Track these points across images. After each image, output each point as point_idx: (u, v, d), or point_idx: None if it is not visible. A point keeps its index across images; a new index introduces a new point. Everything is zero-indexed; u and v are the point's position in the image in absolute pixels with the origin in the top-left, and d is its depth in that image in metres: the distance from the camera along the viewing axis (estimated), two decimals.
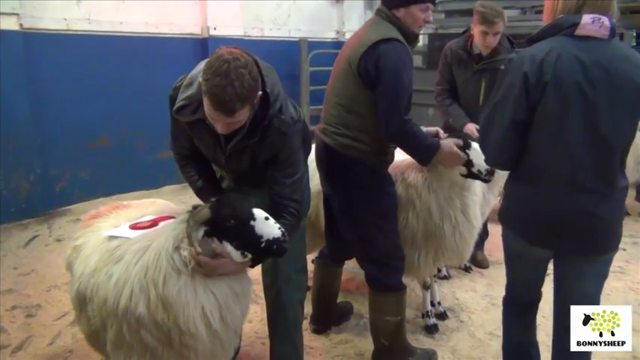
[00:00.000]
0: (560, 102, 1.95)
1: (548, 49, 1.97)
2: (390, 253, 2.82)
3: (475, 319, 3.53)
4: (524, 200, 2.15)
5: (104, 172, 5.82)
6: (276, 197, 2.23)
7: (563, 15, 2.04)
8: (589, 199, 2.03)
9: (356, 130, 2.67)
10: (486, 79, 3.74)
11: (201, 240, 1.94)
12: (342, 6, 8.45)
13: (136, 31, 5.93)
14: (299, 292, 2.66)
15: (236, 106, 1.90)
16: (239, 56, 1.93)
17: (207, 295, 1.91)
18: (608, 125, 1.96)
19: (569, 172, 2.01)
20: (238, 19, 6.82)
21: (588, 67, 1.93)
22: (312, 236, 3.52)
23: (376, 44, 2.51)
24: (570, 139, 1.98)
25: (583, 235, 2.09)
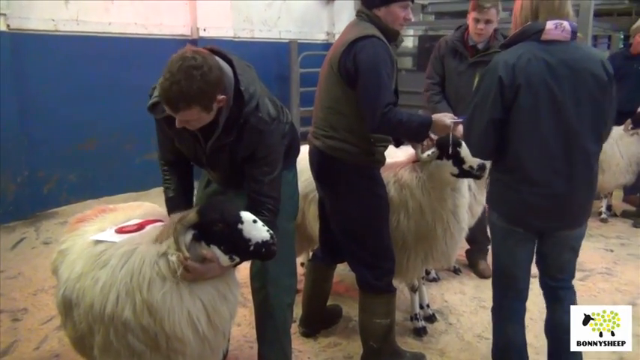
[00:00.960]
0: (532, 100, 2.21)
1: (519, 54, 2.23)
2: (380, 254, 2.82)
3: (464, 322, 3.53)
4: (507, 186, 2.39)
5: (92, 174, 5.77)
6: (253, 194, 2.23)
7: (528, 23, 2.29)
8: (565, 183, 2.29)
9: (343, 132, 2.68)
10: (480, 73, 3.71)
11: (189, 245, 1.93)
12: (333, 7, 8.46)
13: (124, 32, 5.91)
14: (288, 296, 2.65)
15: (179, 105, 1.92)
16: (198, 56, 1.93)
17: (193, 300, 1.90)
18: (574, 116, 2.23)
19: (546, 160, 2.27)
20: (228, 20, 6.80)
21: (554, 67, 2.20)
22: (298, 239, 3.50)
23: (354, 42, 2.54)
24: (543, 131, 2.24)
25: (560, 214, 2.36)
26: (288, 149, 2.48)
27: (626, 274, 4.25)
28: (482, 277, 4.20)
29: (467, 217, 3.13)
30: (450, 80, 3.90)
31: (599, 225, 5.43)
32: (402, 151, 3.16)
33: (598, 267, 4.36)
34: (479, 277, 4.22)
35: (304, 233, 3.52)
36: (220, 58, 2.11)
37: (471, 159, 2.81)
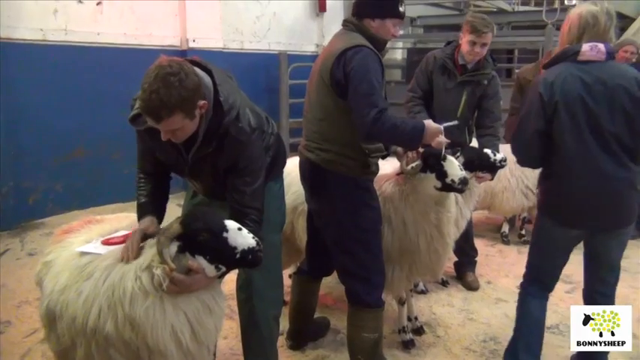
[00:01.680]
0: (570, 113, 2.50)
1: (557, 73, 2.54)
2: (372, 267, 2.82)
3: (452, 334, 3.53)
4: (558, 192, 2.66)
5: (79, 185, 5.72)
6: (236, 205, 2.21)
7: (568, 45, 2.59)
8: (605, 187, 2.56)
9: (339, 145, 2.67)
10: (468, 92, 3.74)
11: (174, 256, 1.91)
12: (322, 20, 8.51)
13: (113, 42, 5.89)
14: (274, 308, 2.63)
15: (162, 113, 1.91)
16: (174, 64, 1.93)
17: (176, 314, 1.89)
18: (611, 126, 2.50)
19: (592, 165, 2.54)
20: (218, 31, 6.82)
21: (590, 84, 2.49)
22: (287, 251, 3.50)
23: (344, 52, 2.54)
24: (585, 138, 2.52)
25: (610, 212, 2.62)
26: (274, 160, 2.48)
27: None
28: (470, 289, 4.21)
29: (453, 232, 3.13)
30: (437, 97, 3.89)
31: None
32: (389, 164, 3.17)
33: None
34: (467, 289, 4.22)
35: (294, 245, 3.51)
36: (200, 69, 2.11)
37: (453, 172, 2.81)
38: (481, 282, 4.33)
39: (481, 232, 5.70)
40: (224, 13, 6.93)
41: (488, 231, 5.74)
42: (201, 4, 6.56)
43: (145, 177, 2.38)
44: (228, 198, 2.24)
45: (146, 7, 6.19)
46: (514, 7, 10.29)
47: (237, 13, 7.25)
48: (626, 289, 4.20)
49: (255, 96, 2.36)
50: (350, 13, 2.80)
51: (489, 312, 3.83)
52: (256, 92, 7.32)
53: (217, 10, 6.78)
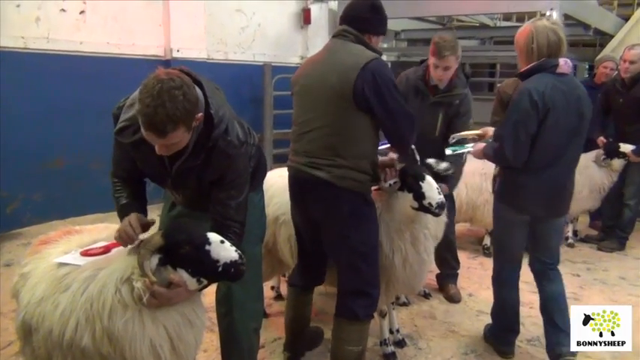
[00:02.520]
0: (555, 119, 2.84)
1: (545, 83, 2.84)
2: (372, 281, 2.82)
3: (433, 347, 3.53)
4: (525, 185, 3.00)
5: (58, 195, 5.65)
6: (219, 218, 2.19)
7: (544, 58, 2.89)
8: (562, 182, 3.04)
9: (353, 159, 2.64)
10: (443, 112, 3.72)
11: (155, 269, 1.89)
12: (307, 31, 8.56)
13: (96, 51, 5.86)
14: (254, 321, 2.61)
15: (167, 128, 1.87)
16: (175, 77, 1.91)
17: (156, 328, 1.86)
18: (576, 131, 2.93)
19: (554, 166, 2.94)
20: (202, 41, 6.82)
21: (567, 94, 2.88)
22: (269, 263, 3.49)
23: (365, 65, 2.55)
24: (560, 142, 2.91)
25: (558, 203, 3.09)
26: (254, 171, 2.46)
27: (592, 299, 4.32)
28: (452, 301, 4.21)
29: (431, 247, 3.10)
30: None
31: (566, 250, 5.51)
32: None
33: (565, 291, 4.41)
34: (448, 301, 4.23)
35: (275, 257, 3.50)
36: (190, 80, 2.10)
37: (431, 195, 2.79)
38: (463, 294, 4.34)
39: (463, 244, 5.73)
40: (209, 24, 6.93)
41: (470, 243, 5.77)
42: (186, 14, 6.57)
43: (120, 181, 2.35)
44: (212, 210, 2.22)
45: (130, 17, 6.18)
46: (496, 22, 10.42)
47: (222, 24, 7.26)
48: (605, 302, 4.26)
49: (239, 107, 2.36)
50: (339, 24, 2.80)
51: (471, 324, 3.83)
52: (240, 103, 7.33)
53: (202, 21, 6.79)
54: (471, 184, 5.01)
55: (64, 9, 5.59)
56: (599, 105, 5.56)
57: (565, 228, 5.77)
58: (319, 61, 2.76)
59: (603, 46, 8.49)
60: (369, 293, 2.81)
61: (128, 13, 6.15)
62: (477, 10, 8.24)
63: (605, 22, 8.53)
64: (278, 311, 3.86)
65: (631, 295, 4.42)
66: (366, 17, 2.72)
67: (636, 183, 5.42)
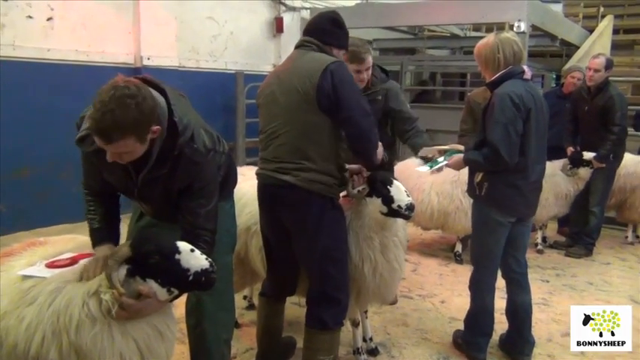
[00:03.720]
0: (533, 119, 3.05)
1: (519, 88, 3.04)
2: (341, 287, 2.82)
3: (406, 354, 3.54)
4: (511, 184, 3.11)
5: (24, 205, 5.51)
6: (188, 227, 2.16)
7: (511, 66, 3.08)
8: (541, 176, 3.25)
9: (321, 162, 2.66)
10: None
11: (124, 280, 1.85)
12: (279, 40, 8.56)
13: (64, 58, 5.76)
14: (225, 331, 2.58)
15: (113, 135, 1.85)
16: (131, 86, 1.88)
17: (125, 341, 1.82)
18: (544, 132, 3.19)
19: (537, 160, 3.15)
20: (173, 49, 6.76)
21: (535, 97, 3.10)
22: (242, 273, 3.47)
23: (327, 67, 2.60)
24: (533, 145, 3.09)
25: (534, 203, 3.30)
26: (224, 180, 2.44)
27: (561, 305, 4.39)
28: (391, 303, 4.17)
29: (401, 255, 3.10)
30: None
31: (535, 256, 5.61)
32: None
33: (535, 297, 4.43)
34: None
35: (248, 267, 3.46)
36: (153, 88, 2.07)
37: (400, 197, 2.82)
38: (435, 301, 4.37)
39: (435, 251, 5.79)
40: (180, 32, 6.88)
41: (442, 250, 5.82)
42: (157, 21, 6.51)
43: (93, 199, 2.31)
44: (181, 220, 2.19)
45: (99, 24, 6.09)
46: (466, 33, 10.60)
47: (194, 32, 7.22)
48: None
49: (211, 115, 2.35)
50: (302, 36, 2.86)
51: (443, 331, 3.86)
52: (212, 111, 7.28)
53: (173, 29, 6.73)
54: (442, 192, 5.06)
55: (30, 15, 5.48)
56: (568, 114, 5.70)
57: (534, 235, 5.89)
58: (283, 71, 2.80)
59: (570, 56, 8.68)
60: (338, 299, 2.80)
61: (97, 20, 6.07)
62: (448, 21, 8.37)
63: (571, 33, 8.74)
64: (250, 321, 3.83)
65: (598, 300, 4.51)
66: (328, 29, 2.81)
67: (600, 190, 5.56)
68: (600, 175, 5.43)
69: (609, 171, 5.50)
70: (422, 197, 5.02)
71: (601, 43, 9.33)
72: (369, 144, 2.74)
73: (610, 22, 10.11)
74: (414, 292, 4.58)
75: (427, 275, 5.03)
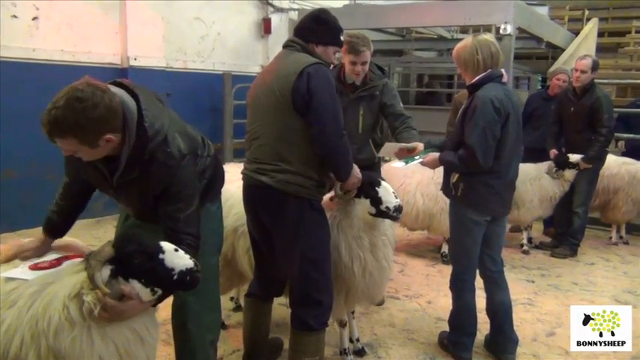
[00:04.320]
0: (511, 123, 3.12)
1: (500, 92, 3.09)
2: (323, 289, 2.81)
3: (393, 355, 3.55)
4: (488, 185, 3.17)
5: (10, 206, 5.46)
6: (169, 231, 2.15)
7: (490, 70, 3.13)
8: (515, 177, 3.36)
9: (298, 163, 2.66)
10: (364, 107, 3.79)
11: (107, 281, 1.84)
12: (267, 41, 8.57)
13: (50, 58, 5.73)
14: (211, 333, 2.57)
15: (53, 132, 1.89)
16: (87, 89, 1.89)
17: (105, 345, 1.80)
18: (520, 134, 3.27)
19: (514, 163, 3.27)
20: (160, 50, 6.74)
21: (512, 102, 3.16)
22: (229, 274, 3.46)
23: (304, 69, 2.59)
24: (516, 143, 3.23)
25: (509, 202, 3.39)
26: (210, 182, 2.44)
27: (546, 305, 4.43)
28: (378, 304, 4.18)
29: (390, 254, 3.12)
30: None
31: (521, 257, 5.66)
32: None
33: (520, 298, 4.53)
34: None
35: (235, 268, 3.46)
36: (128, 93, 2.07)
37: (388, 199, 2.85)
38: (421, 301, 4.39)
39: (421, 252, 5.81)
40: (167, 32, 6.86)
41: (429, 251, 5.85)
42: (144, 22, 6.48)
43: (66, 187, 2.40)
44: (162, 225, 2.18)
45: (85, 24, 6.06)
46: (453, 35, 10.66)
47: (181, 32, 7.20)
48: (559, 307, 4.37)
49: (198, 116, 2.34)
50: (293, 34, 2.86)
51: (429, 331, 3.87)
52: (200, 112, 7.27)
53: (160, 29, 6.71)
54: (427, 193, 5.08)
55: (15, 15, 5.44)
56: (553, 115, 5.76)
57: (519, 235, 5.95)
58: (268, 72, 2.81)
59: (555, 58, 8.77)
60: (319, 301, 2.80)
61: (83, 20, 6.04)
62: (435, 23, 8.42)
63: (557, 36, 8.82)
64: (237, 322, 3.82)
65: (583, 300, 4.56)
66: (310, 27, 2.81)
67: (583, 191, 5.62)
68: (584, 177, 5.49)
69: (593, 172, 5.56)
70: (407, 198, 5.04)
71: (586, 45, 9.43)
72: (338, 159, 2.70)
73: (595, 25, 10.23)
74: (400, 293, 4.59)
75: (414, 276, 5.06)
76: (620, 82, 8.65)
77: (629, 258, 5.81)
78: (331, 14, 2.87)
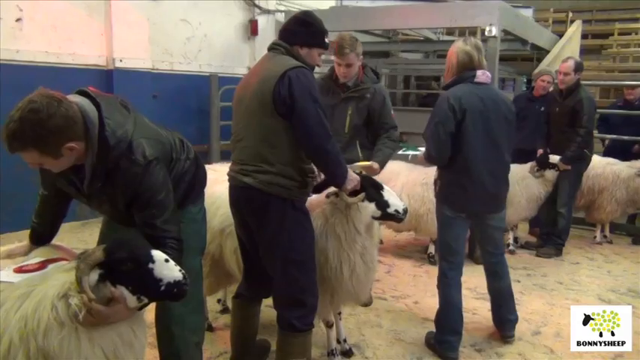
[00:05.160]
0: (472, 120, 3.25)
1: (462, 91, 3.28)
2: (308, 290, 2.81)
3: (380, 355, 3.56)
4: (457, 184, 3.36)
5: None
6: (150, 238, 2.13)
7: (464, 71, 3.33)
8: (492, 180, 3.37)
9: (279, 165, 2.66)
10: (352, 107, 3.82)
11: (94, 285, 1.83)
12: (254, 42, 8.56)
13: (34, 60, 5.68)
14: (195, 335, 2.56)
15: (13, 145, 1.90)
16: (43, 101, 1.90)
17: (92, 347, 1.79)
18: (498, 133, 3.35)
19: (482, 164, 3.31)
20: (146, 51, 6.71)
21: (484, 100, 3.30)
22: (217, 275, 3.45)
23: (285, 72, 2.59)
24: (480, 143, 3.29)
25: (489, 202, 3.45)
26: (191, 185, 2.44)
27: (532, 304, 4.47)
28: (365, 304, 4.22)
29: (376, 255, 3.13)
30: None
31: (507, 257, 5.61)
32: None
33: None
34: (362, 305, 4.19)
35: (222, 269, 3.45)
36: (90, 101, 2.07)
37: (395, 202, 2.92)
38: (408, 302, 4.41)
39: (409, 253, 5.84)
40: (153, 34, 6.83)
41: (416, 252, 5.88)
42: (129, 23, 6.45)
43: (43, 197, 2.40)
44: (142, 232, 2.17)
45: (70, 25, 6.02)
46: (439, 37, 10.71)
47: (167, 33, 7.17)
48: (544, 307, 4.42)
49: (185, 118, 2.33)
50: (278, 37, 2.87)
51: (416, 332, 3.89)
52: (187, 114, 7.24)
53: (146, 30, 6.68)
54: (413, 194, 5.11)
55: None
56: (544, 116, 5.84)
57: (506, 235, 5.99)
58: (253, 74, 2.82)
59: (540, 60, 8.84)
60: (302, 302, 2.80)
61: (68, 22, 5.99)
62: (421, 25, 8.44)
63: (542, 37, 8.90)
64: (224, 324, 3.82)
65: (567, 299, 4.61)
66: (295, 30, 2.82)
67: (565, 192, 5.69)
68: (566, 177, 5.56)
69: (576, 173, 5.64)
70: None
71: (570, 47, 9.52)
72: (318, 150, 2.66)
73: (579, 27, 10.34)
74: (387, 294, 4.61)
75: (401, 276, 5.08)
76: (604, 83, 8.76)
77: (612, 257, 5.89)
78: (316, 16, 2.88)
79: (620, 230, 6.75)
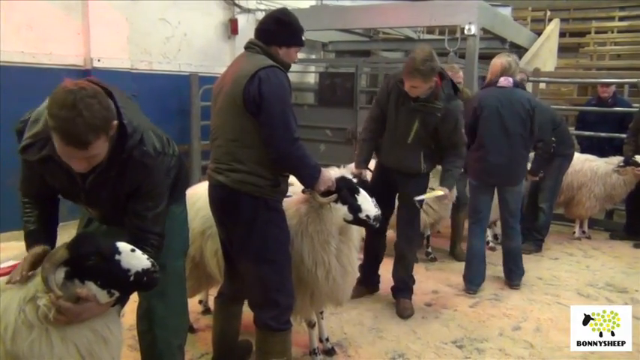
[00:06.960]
0: (488, 114, 4.42)
1: (485, 93, 4.55)
2: (282, 290, 2.79)
3: (362, 353, 3.57)
4: (477, 159, 4.49)
5: None
6: (135, 230, 2.13)
7: (493, 77, 4.54)
8: (504, 159, 4.44)
9: (251, 164, 2.65)
10: (419, 121, 3.77)
11: (62, 284, 1.80)
12: (234, 42, 8.50)
13: (9, 60, 5.55)
14: (177, 337, 2.54)
15: (89, 138, 1.82)
16: (85, 86, 1.86)
17: (65, 347, 1.77)
18: (510, 125, 4.41)
19: (495, 146, 4.44)
20: (125, 51, 6.62)
21: (501, 99, 4.42)
22: (197, 277, 3.43)
23: (257, 72, 2.58)
24: (494, 131, 4.43)
25: (506, 175, 4.54)
26: (175, 183, 2.42)
27: (512, 299, 4.52)
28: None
29: (354, 258, 3.11)
30: (389, 117, 3.91)
31: (488, 253, 5.69)
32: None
33: (487, 293, 4.61)
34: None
35: (203, 271, 3.43)
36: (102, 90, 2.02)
37: (367, 208, 2.88)
38: (390, 300, 4.42)
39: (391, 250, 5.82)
40: (132, 33, 6.74)
41: None
42: (107, 23, 6.36)
43: (29, 201, 2.25)
44: (128, 223, 2.15)
45: (46, 25, 5.90)
46: (419, 35, 10.76)
47: (146, 33, 7.09)
48: (524, 302, 4.47)
49: (165, 118, 2.31)
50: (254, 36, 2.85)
51: (398, 329, 3.91)
52: (167, 114, 7.17)
53: (124, 30, 6.59)
54: None
55: None
56: None
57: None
58: (228, 73, 2.81)
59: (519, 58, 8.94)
60: (275, 301, 2.78)
61: (44, 21, 5.88)
62: (401, 24, 8.48)
63: (520, 36, 9.00)
64: (206, 326, 3.79)
65: (547, 294, 4.66)
66: (271, 30, 2.79)
67: (548, 188, 5.77)
68: (548, 173, 5.62)
69: (558, 170, 5.72)
70: None
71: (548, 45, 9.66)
72: (280, 152, 2.62)
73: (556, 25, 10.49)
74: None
75: (383, 274, 5.05)
76: (582, 81, 8.87)
77: (591, 252, 5.98)
78: (292, 14, 2.86)
79: (599, 226, 6.84)
